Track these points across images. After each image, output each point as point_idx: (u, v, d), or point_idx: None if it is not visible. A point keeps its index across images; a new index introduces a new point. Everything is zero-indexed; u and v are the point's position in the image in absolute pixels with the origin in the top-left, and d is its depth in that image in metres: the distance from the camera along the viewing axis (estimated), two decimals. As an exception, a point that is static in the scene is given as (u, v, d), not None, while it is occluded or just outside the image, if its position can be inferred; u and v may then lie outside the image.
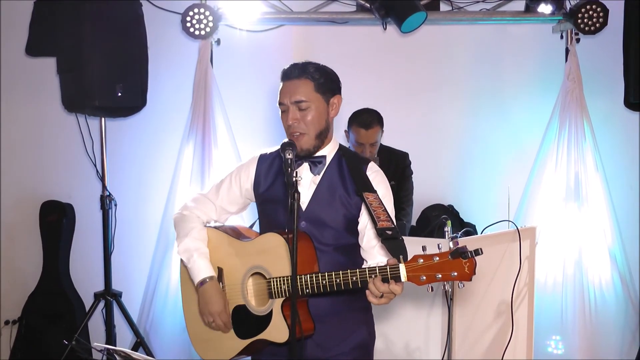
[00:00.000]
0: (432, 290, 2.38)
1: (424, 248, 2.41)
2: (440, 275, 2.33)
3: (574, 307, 4.95)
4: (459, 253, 2.31)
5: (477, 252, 2.32)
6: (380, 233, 2.56)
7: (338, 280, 2.54)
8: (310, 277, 2.59)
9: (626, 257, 5.07)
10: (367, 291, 2.48)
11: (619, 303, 5.01)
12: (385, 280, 2.42)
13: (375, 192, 2.73)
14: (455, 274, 2.32)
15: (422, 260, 2.36)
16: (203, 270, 2.91)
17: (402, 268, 2.39)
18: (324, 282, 2.56)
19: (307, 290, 2.59)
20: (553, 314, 4.97)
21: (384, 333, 3.92)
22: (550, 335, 4.97)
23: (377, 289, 2.44)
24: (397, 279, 2.40)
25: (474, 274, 2.33)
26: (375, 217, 2.61)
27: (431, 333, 3.92)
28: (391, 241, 2.53)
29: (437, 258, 2.34)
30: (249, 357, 2.99)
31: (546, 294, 4.96)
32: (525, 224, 4.43)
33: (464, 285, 2.37)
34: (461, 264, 2.32)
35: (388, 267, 2.42)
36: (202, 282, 2.89)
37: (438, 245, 2.37)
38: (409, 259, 2.41)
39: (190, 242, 2.95)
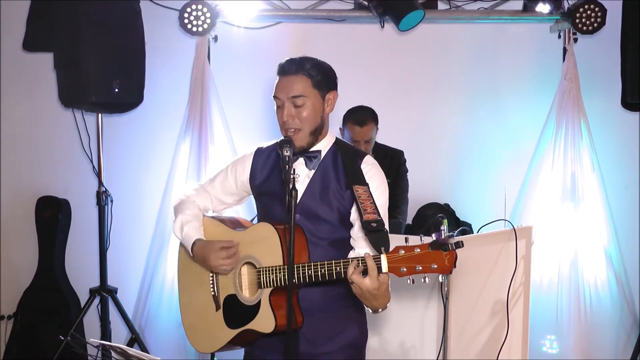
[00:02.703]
0: (412, 282, 2.37)
1: (406, 239, 2.41)
2: (420, 267, 2.33)
3: (569, 307, 4.96)
4: (439, 244, 2.30)
5: (458, 244, 2.32)
6: (365, 225, 2.56)
7: (323, 271, 2.55)
8: (296, 268, 2.59)
9: (622, 257, 5.07)
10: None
11: (614, 303, 5.02)
12: (365, 271, 2.44)
13: (366, 185, 2.73)
14: (435, 266, 2.32)
15: (403, 252, 2.36)
16: (191, 236, 2.91)
17: (384, 259, 2.39)
18: (310, 272, 2.57)
19: (294, 281, 2.59)
20: (548, 314, 4.98)
21: (379, 331, 3.92)
22: (545, 334, 4.97)
23: (349, 277, 2.46)
24: (378, 269, 2.41)
25: (454, 267, 2.32)
26: (362, 209, 2.61)
27: (426, 332, 3.92)
28: (375, 233, 2.53)
29: (418, 250, 2.34)
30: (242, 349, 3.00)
31: (542, 294, 4.96)
32: (522, 224, 4.43)
33: (444, 279, 2.37)
34: (441, 256, 2.31)
35: (371, 257, 2.43)
36: (194, 245, 2.90)
37: (420, 236, 2.37)
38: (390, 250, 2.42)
39: (183, 217, 2.97)
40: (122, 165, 5.24)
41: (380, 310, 2.56)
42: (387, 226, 2.68)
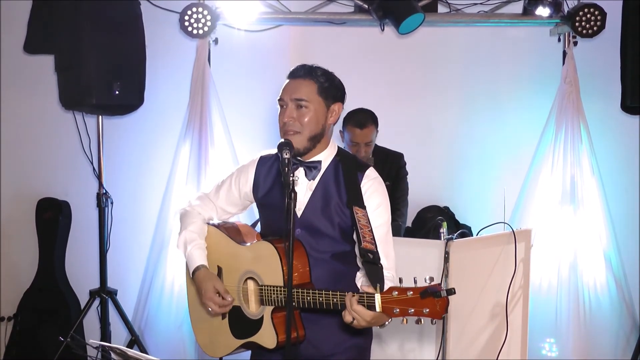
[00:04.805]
0: (406, 322, 2.37)
1: (400, 280, 2.41)
2: (412, 310, 2.33)
3: (569, 310, 4.96)
4: (429, 293, 2.30)
5: (450, 291, 2.31)
6: (362, 254, 2.58)
7: (320, 299, 2.57)
8: (296, 292, 2.61)
9: (621, 261, 5.07)
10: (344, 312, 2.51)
11: (614, 306, 5.02)
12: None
13: (364, 208, 2.73)
14: (427, 310, 2.31)
15: (396, 293, 2.35)
16: (195, 260, 2.94)
17: (378, 298, 2.39)
18: (308, 298, 2.59)
19: (294, 304, 2.62)
20: (547, 317, 4.98)
21: (378, 333, 3.91)
22: (545, 337, 4.97)
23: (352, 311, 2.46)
24: (371, 307, 2.41)
25: (446, 312, 2.34)
26: (361, 235, 2.62)
27: (425, 334, 3.92)
28: (370, 265, 2.55)
29: (411, 292, 2.34)
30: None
31: (541, 297, 4.97)
32: (521, 227, 4.44)
33: (435, 323, 2.38)
34: (433, 302, 2.31)
35: (365, 294, 2.43)
36: (194, 272, 2.93)
37: (414, 278, 2.37)
38: (385, 288, 2.41)
39: (187, 234, 2.98)
40: (123, 167, 5.24)
41: (386, 323, 2.54)
42: (389, 253, 2.73)
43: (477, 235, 4.24)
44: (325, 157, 2.86)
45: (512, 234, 4.00)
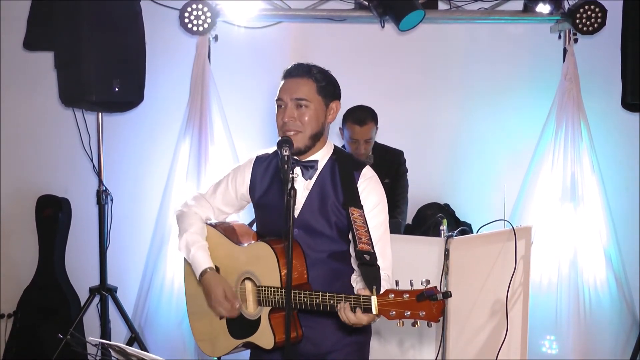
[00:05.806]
0: (402, 324, 2.37)
1: (397, 283, 2.42)
2: (409, 313, 2.34)
3: (569, 307, 4.96)
4: (426, 296, 2.31)
5: (446, 294, 2.32)
6: (359, 256, 2.59)
7: (317, 301, 2.58)
8: (293, 293, 2.61)
9: (621, 258, 5.07)
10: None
11: (614, 303, 5.02)
12: (356, 308, 2.47)
13: (361, 208, 2.73)
14: (424, 313, 2.33)
15: (392, 295, 2.36)
16: (201, 262, 2.93)
17: (374, 300, 2.40)
18: (305, 300, 2.60)
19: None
20: (548, 314, 4.98)
21: (378, 331, 3.92)
22: (545, 335, 4.97)
23: (347, 317, 2.49)
24: (368, 310, 2.42)
25: (442, 315, 2.35)
26: (357, 236, 2.63)
27: (425, 332, 3.92)
28: (367, 267, 2.56)
29: (407, 295, 2.34)
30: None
31: (541, 294, 4.96)
32: (521, 224, 4.44)
33: (431, 326, 2.38)
34: (429, 305, 2.32)
35: (362, 297, 2.44)
36: (202, 274, 2.91)
37: (410, 281, 2.37)
38: (381, 290, 2.42)
39: (189, 236, 2.97)
40: (122, 165, 5.24)
41: (376, 319, 2.55)
42: (385, 254, 2.73)
43: (477, 232, 4.24)
44: (322, 156, 2.86)
45: (512, 231, 4.00)
